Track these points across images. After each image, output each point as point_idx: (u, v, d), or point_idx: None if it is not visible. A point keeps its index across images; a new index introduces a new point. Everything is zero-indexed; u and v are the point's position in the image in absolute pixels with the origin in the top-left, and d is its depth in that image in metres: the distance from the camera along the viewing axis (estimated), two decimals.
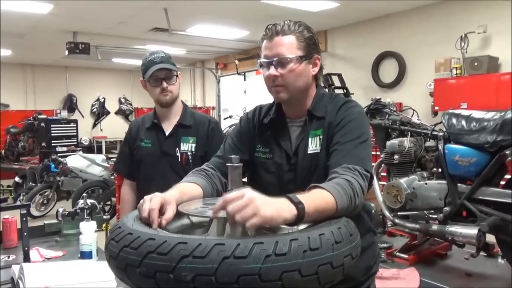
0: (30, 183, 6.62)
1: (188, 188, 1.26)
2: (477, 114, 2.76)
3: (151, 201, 1.04)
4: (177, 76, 2.13)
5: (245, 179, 1.66)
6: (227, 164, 1.16)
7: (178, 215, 1.11)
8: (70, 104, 11.70)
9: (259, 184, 1.42)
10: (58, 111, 10.64)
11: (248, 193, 0.89)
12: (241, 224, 0.86)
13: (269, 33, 1.32)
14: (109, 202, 5.69)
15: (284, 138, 1.40)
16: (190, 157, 2.12)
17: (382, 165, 3.32)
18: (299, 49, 1.31)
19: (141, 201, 1.06)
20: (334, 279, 0.87)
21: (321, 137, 1.33)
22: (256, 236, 0.88)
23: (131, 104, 12.71)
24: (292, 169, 1.36)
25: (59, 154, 7.12)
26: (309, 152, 1.33)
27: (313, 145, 1.33)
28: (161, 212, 1.04)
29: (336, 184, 1.08)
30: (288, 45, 1.30)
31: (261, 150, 1.43)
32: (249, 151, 1.45)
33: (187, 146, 2.14)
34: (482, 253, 2.81)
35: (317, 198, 1.00)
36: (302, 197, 0.96)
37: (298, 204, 0.93)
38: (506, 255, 2.77)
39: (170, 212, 1.06)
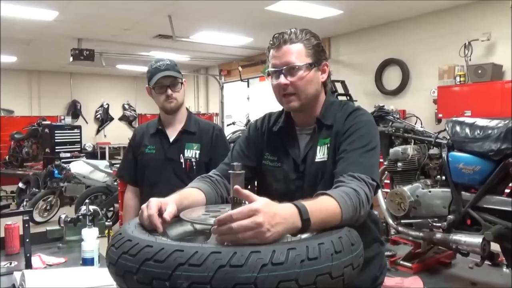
0: (34, 189, 6.62)
1: (189, 193, 1.25)
2: (481, 122, 2.75)
3: (148, 208, 1.04)
4: (182, 83, 2.13)
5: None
6: (229, 171, 1.15)
7: (182, 221, 1.10)
8: (74, 110, 11.76)
9: (267, 192, 1.40)
10: (62, 117, 10.71)
11: (259, 214, 0.84)
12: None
13: (276, 42, 1.30)
14: (112, 208, 5.68)
15: (293, 146, 1.38)
16: (194, 163, 2.12)
17: (386, 172, 3.31)
18: (307, 56, 1.30)
19: (140, 212, 1.06)
20: None
21: (329, 145, 1.31)
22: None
23: (134, 110, 12.75)
24: (300, 177, 1.35)
25: (62, 160, 7.13)
26: (316, 160, 1.32)
27: (321, 154, 1.32)
28: (161, 214, 1.04)
29: (344, 193, 1.07)
30: (297, 53, 1.29)
31: (270, 158, 1.42)
32: (257, 158, 1.44)
33: (191, 153, 2.14)
34: (486, 262, 2.78)
35: (323, 209, 0.99)
36: (310, 206, 0.94)
37: (305, 221, 0.91)
38: (511, 264, 2.75)
39: (170, 208, 1.06)
